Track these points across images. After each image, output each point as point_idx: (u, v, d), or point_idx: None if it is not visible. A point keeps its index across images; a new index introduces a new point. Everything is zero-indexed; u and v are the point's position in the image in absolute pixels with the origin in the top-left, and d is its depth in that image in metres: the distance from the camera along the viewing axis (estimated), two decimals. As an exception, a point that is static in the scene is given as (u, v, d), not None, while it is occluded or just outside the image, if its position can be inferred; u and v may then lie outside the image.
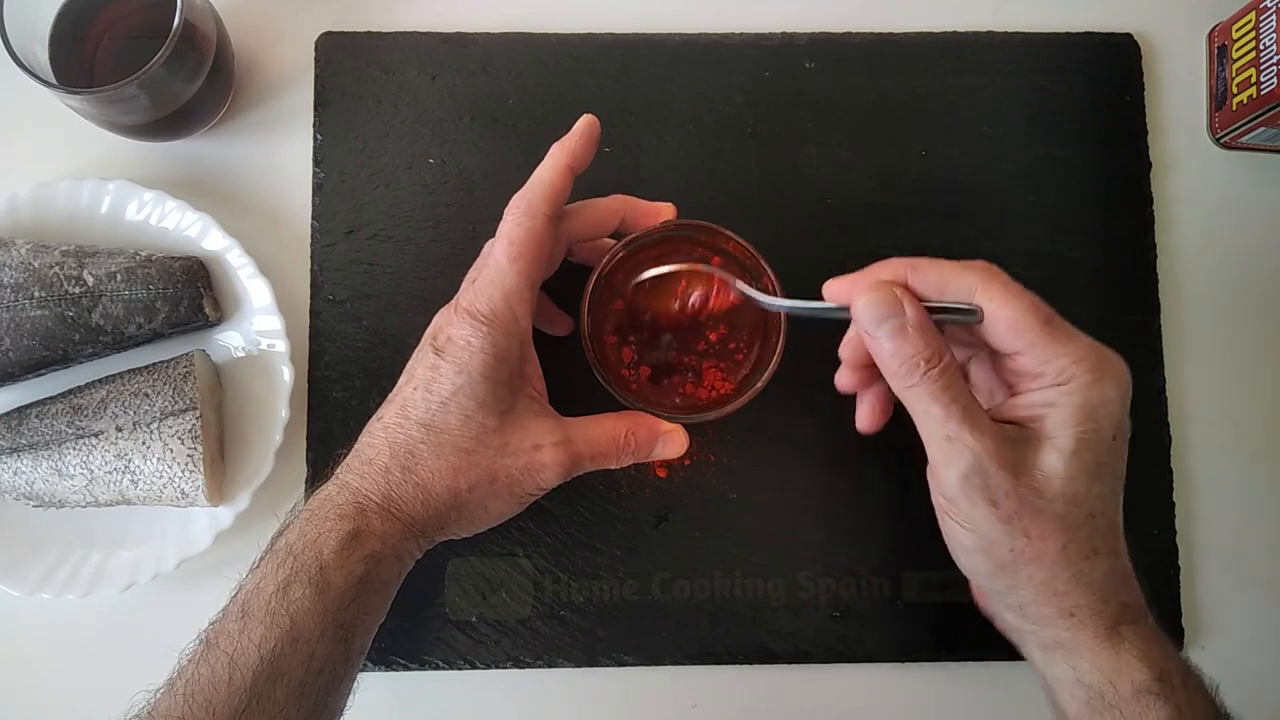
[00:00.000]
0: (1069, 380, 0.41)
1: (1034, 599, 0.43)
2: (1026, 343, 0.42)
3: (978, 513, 0.42)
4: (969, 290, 0.43)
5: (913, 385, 0.42)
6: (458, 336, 0.45)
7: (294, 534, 0.44)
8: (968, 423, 0.41)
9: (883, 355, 0.43)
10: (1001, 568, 0.43)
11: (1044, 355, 0.42)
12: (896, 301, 0.42)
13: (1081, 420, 0.41)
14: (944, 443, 0.42)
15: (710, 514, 0.56)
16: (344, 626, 0.42)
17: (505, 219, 0.46)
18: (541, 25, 0.59)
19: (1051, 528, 0.41)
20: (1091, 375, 0.41)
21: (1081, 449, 0.41)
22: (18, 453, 0.52)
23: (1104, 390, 0.41)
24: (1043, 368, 0.42)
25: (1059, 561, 0.42)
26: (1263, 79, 0.56)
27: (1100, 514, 0.42)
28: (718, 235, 0.50)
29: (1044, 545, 0.41)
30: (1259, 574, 0.57)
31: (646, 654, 0.55)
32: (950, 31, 0.60)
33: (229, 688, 0.39)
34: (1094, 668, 0.42)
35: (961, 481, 0.41)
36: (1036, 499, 0.41)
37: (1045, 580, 0.42)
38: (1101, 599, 0.42)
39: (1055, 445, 0.41)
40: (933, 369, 0.41)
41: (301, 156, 0.58)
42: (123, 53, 0.54)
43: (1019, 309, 0.42)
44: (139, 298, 0.53)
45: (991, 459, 0.41)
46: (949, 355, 0.42)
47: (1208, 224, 0.59)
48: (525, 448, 0.46)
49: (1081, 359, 0.41)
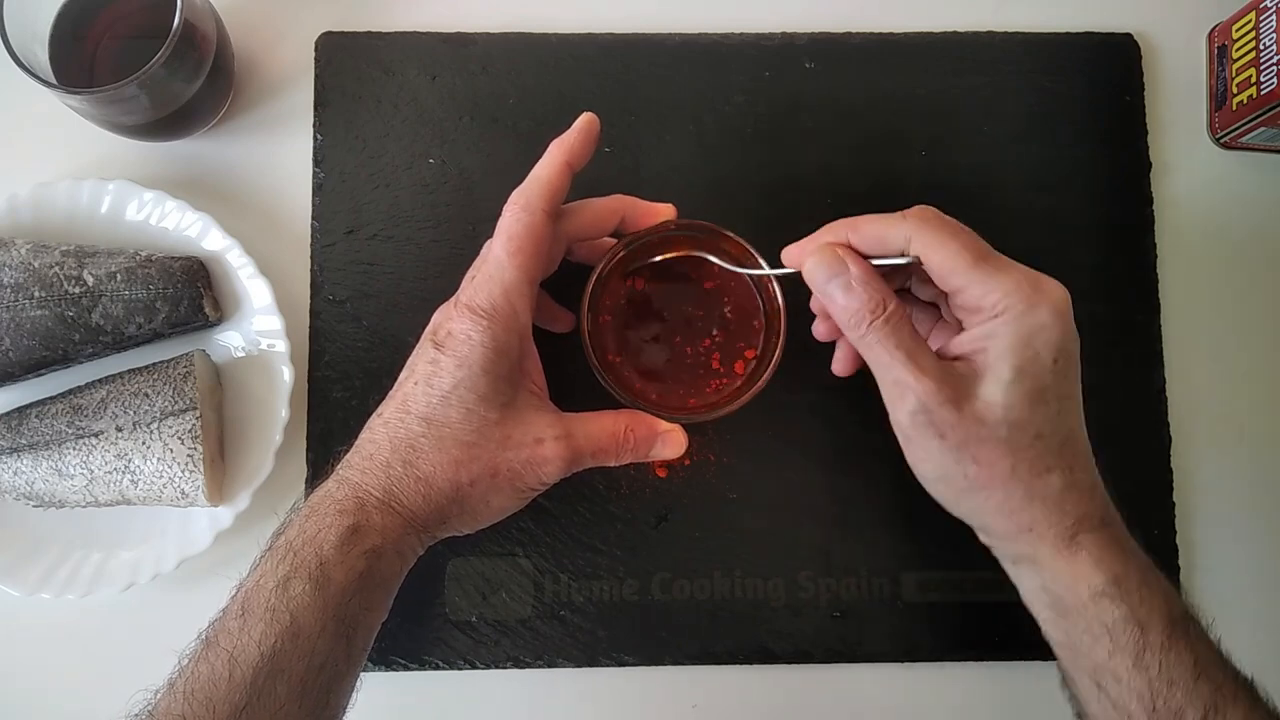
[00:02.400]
0: (1003, 311, 0.43)
1: (994, 519, 0.45)
2: (960, 282, 0.44)
3: (930, 445, 0.45)
4: (904, 240, 0.45)
5: (862, 335, 0.45)
6: (458, 331, 0.45)
7: (294, 530, 0.44)
8: (912, 364, 0.44)
9: (834, 311, 0.46)
10: (962, 493, 0.46)
11: (978, 291, 0.44)
12: (839, 261, 0.45)
13: (1018, 348, 0.43)
14: (893, 386, 0.45)
15: (710, 514, 0.56)
16: (345, 622, 0.42)
17: (504, 215, 0.47)
18: (541, 25, 0.59)
19: (998, 452, 0.44)
20: (1024, 304, 0.43)
21: (1019, 376, 0.43)
22: (18, 453, 0.52)
23: (1037, 316, 0.43)
24: (979, 302, 0.44)
25: (1010, 482, 0.44)
26: (1263, 79, 0.56)
27: (1050, 434, 0.44)
28: (718, 235, 0.50)
29: (993, 469, 0.44)
30: (1259, 574, 0.57)
31: (646, 654, 0.55)
32: (950, 31, 0.60)
33: (229, 685, 0.39)
34: (1054, 575, 0.44)
35: (910, 419, 0.44)
36: (980, 428, 0.43)
37: (1000, 501, 0.44)
38: (1058, 512, 0.44)
39: (995, 375, 0.43)
40: (877, 319, 0.44)
41: (301, 156, 0.58)
42: (123, 53, 0.54)
43: (949, 251, 0.44)
44: (139, 298, 0.53)
45: (933, 396, 0.43)
46: (894, 304, 0.45)
47: (1208, 224, 0.59)
48: (527, 441, 0.46)
49: (1013, 290, 0.43)
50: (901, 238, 0.45)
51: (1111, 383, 0.57)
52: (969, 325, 0.45)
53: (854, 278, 0.45)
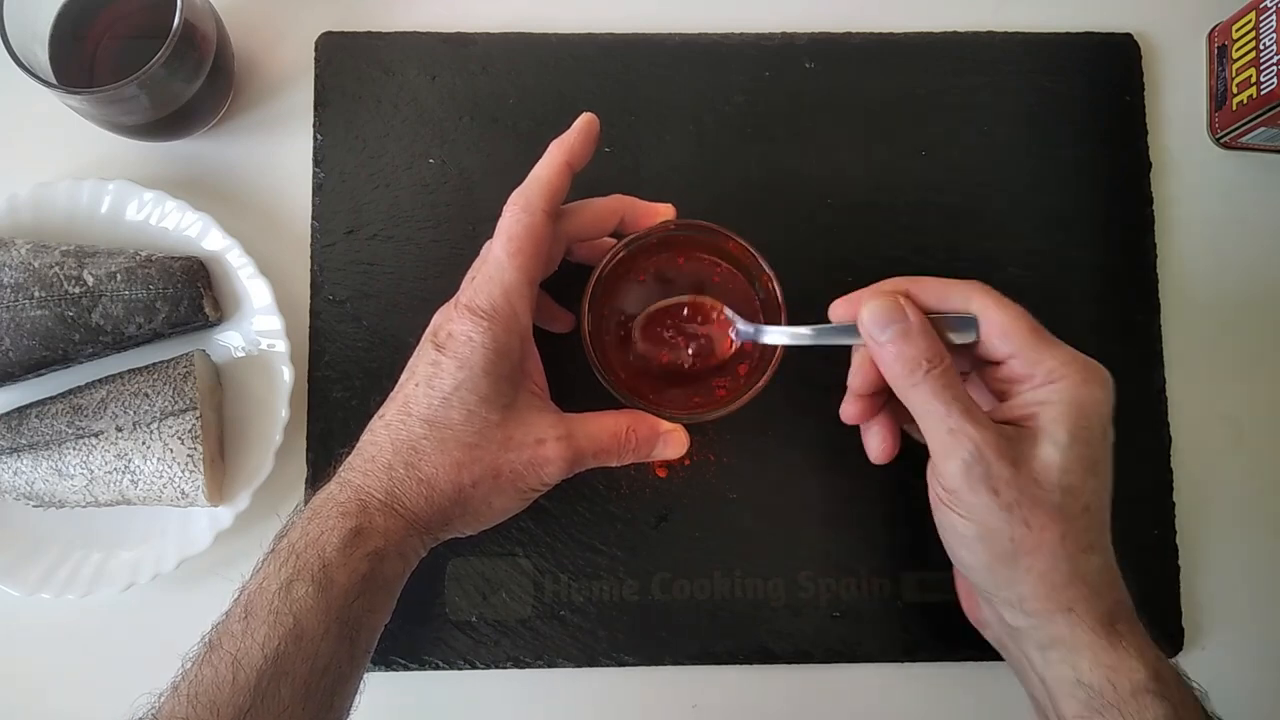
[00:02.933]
0: (1059, 379, 0.43)
1: (1033, 592, 0.43)
2: (1016, 346, 0.44)
3: (979, 501, 0.43)
4: (964, 301, 0.45)
5: (916, 384, 0.44)
6: (458, 332, 0.45)
7: (296, 533, 0.44)
8: (969, 416, 0.43)
9: (887, 358, 0.45)
10: (1000, 558, 0.43)
11: (1033, 358, 0.44)
12: (900, 308, 0.45)
13: (1074, 415, 0.43)
14: (946, 435, 0.43)
15: (710, 514, 0.56)
16: (348, 624, 0.42)
17: (503, 215, 0.47)
18: (541, 25, 0.59)
19: (1050, 517, 0.42)
20: (1080, 375, 0.43)
21: (1075, 442, 0.43)
22: (18, 453, 0.52)
23: (1092, 390, 0.43)
24: (1033, 369, 0.44)
25: (1058, 552, 0.42)
26: (1263, 79, 0.56)
27: (1095, 509, 0.43)
28: (718, 235, 0.50)
29: (1043, 535, 0.42)
30: (1259, 574, 0.57)
31: (646, 654, 0.55)
32: (950, 31, 0.60)
33: (233, 688, 0.39)
34: (1093, 665, 0.42)
35: (963, 470, 0.43)
36: (1035, 489, 0.42)
37: (1044, 571, 0.43)
38: (1097, 594, 0.43)
39: (1051, 438, 0.43)
40: (934, 369, 0.43)
41: (301, 156, 0.58)
42: (123, 53, 0.54)
43: (1009, 316, 0.44)
44: (139, 298, 0.53)
45: (992, 448, 0.42)
46: (949, 357, 0.44)
47: (1208, 224, 0.60)
48: (528, 442, 0.46)
49: (1068, 361, 0.44)
50: (959, 298, 0.45)
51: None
52: (1017, 392, 0.45)
53: (913, 325, 0.44)
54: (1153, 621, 0.56)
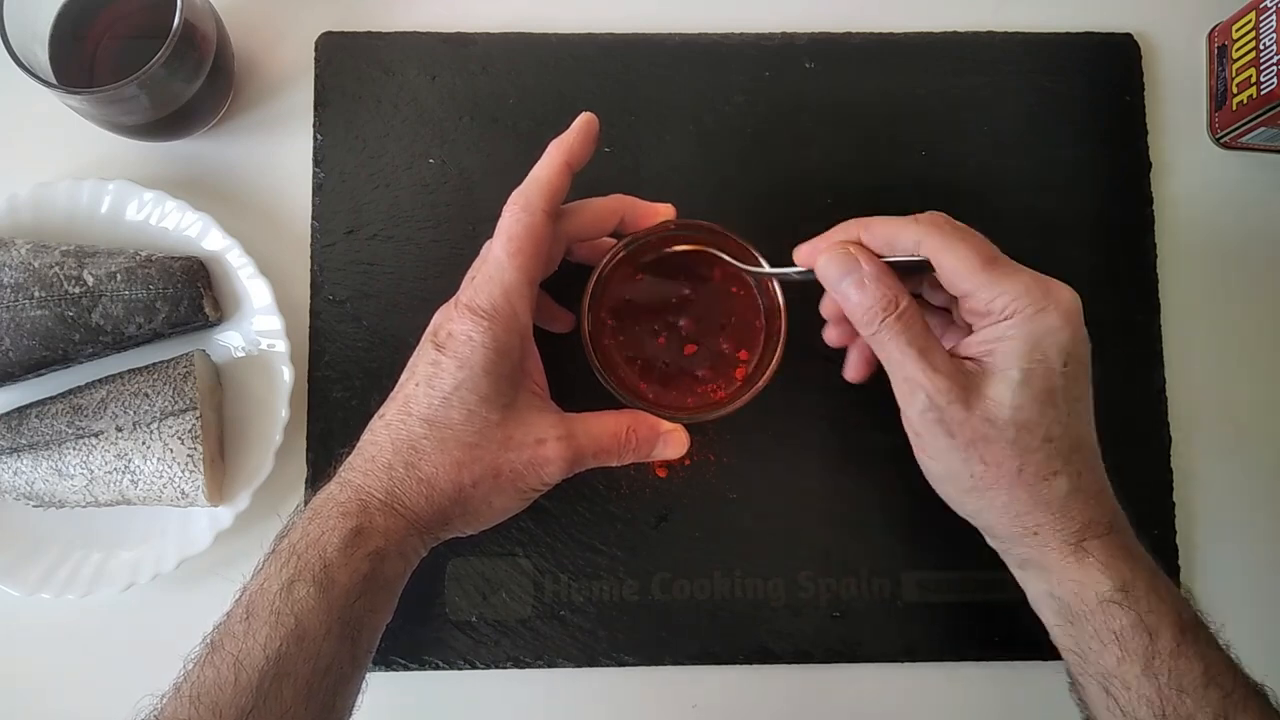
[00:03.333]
0: (1013, 314, 0.44)
1: (999, 520, 0.45)
2: (969, 285, 0.44)
3: (939, 443, 0.45)
4: (914, 243, 0.45)
5: (875, 332, 0.45)
6: (458, 332, 0.45)
7: (297, 533, 0.44)
8: (923, 362, 0.44)
9: (848, 307, 0.46)
10: (968, 493, 0.46)
11: (987, 295, 0.44)
12: (851, 258, 0.45)
13: (1027, 351, 0.43)
14: (904, 383, 0.45)
15: (710, 514, 0.56)
16: (350, 624, 0.42)
17: (503, 215, 0.47)
18: (541, 25, 0.59)
19: (1005, 453, 0.44)
20: (1034, 307, 0.43)
21: (1029, 378, 0.43)
22: (18, 453, 0.52)
23: (1047, 320, 0.43)
24: (989, 305, 0.44)
25: (1015, 484, 0.44)
26: (1263, 79, 0.56)
27: (1058, 437, 0.44)
28: (718, 235, 0.50)
29: (1000, 470, 0.44)
30: (1259, 574, 0.57)
31: (646, 654, 0.55)
32: (950, 31, 0.60)
33: (235, 689, 0.39)
34: (1061, 580, 0.44)
35: (920, 416, 0.45)
36: (988, 428, 0.44)
37: (1006, 502, 0.45)
38: (1064, 516, 0.44)
39: (1004, 377, 0.44)
40: (890, 316, 0.44)
41: (301, 156, 0.58)
42: (123, 53, 0.54)
43: (958, 254, 0.44)
44: (139, 298, 0.53)
45: (944, 394, 0.44)
46: (905, 301, 0.45)
47: (1208, 224, 0.60)
48: (529, 442, 0.46)
49: (1022, 293, 0.44)
50: (911, 240, 0.45)
51: (1111, 383, 0.57)
52: (978, 328, 0.45)
53: (866, 274, 0.45)
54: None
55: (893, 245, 0.46)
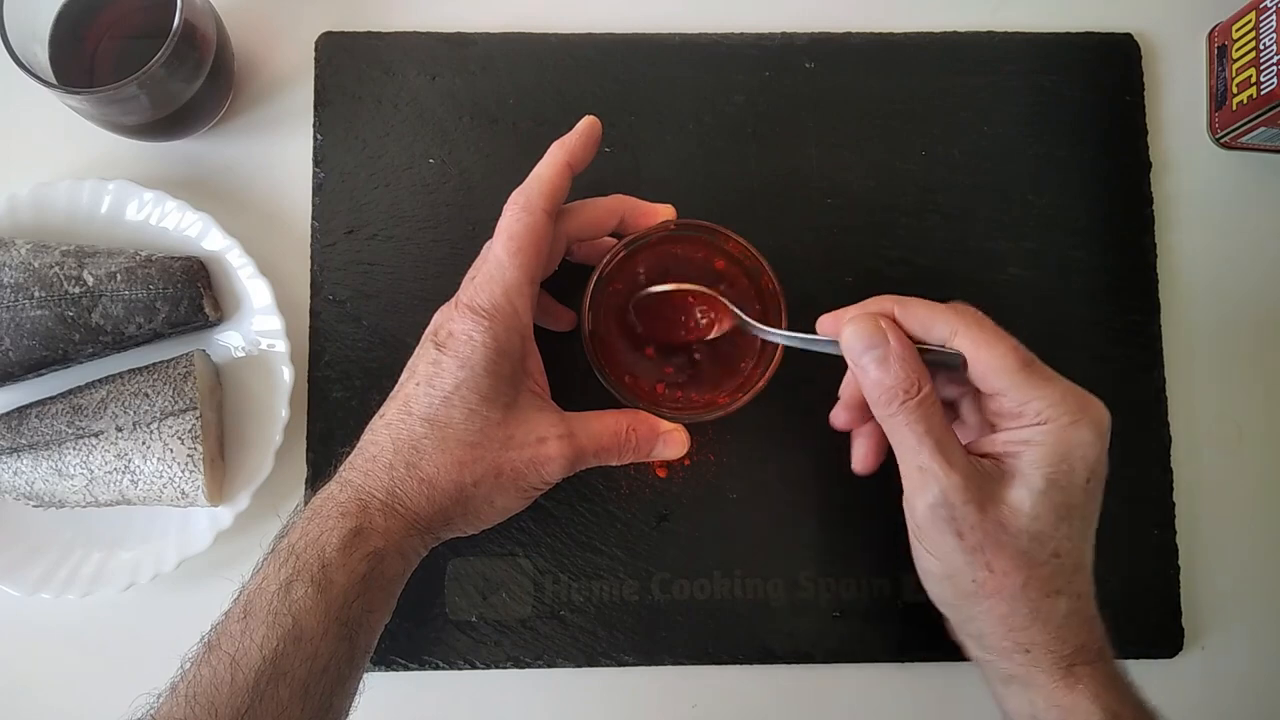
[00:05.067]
0: (1045, 421, 0.42)
1: (992, 631, 0.44)
2: (1005, 384, 0.43)
3: (945, 542, 0.43)
4: (951, 332, 0.44)
5: (892, 414, 0.43)
6: (459, 331, 0.45)
7: (296, 533, 0.44)
8: (940, 455, 0.43)
9: (866, 383, 0.44)
10: (964, 597, 0.44)
11: (1022, 396, 0.43)
12: (881, 332, 0.44)
13: (1053, 460, 0.42)
14: (916, 472, 0.43)
15: (710, 514, 0.56)
16: (348, 625, 0.42)
17: (504, 215, 0.47)
18: (541, 25, 0.59)
19: (1013, 563, 0.42)
20: (1068, 417, 0.42)
21: (1051, 489, 0.42)
22: (18, 453, 0.52)
23: (1079, 433, 0.42)
24: (1021, 408, 0.43)
25: (1018, 597, 0.43)
26: (1263, 79, 0.56)
27: (1066, 554, 0.43)
28: (718, 235, 0.50)
29: (1005, 580, 0.43)
30: (1259, 574, 0.57)
31: (646, 654, 0.55)
32: (950, 31, 0.60)
33: (231, 688, 0.39)
34: (1047, 705, 0.43)
35: (929, 511, 0.43)
36: (1001, 534, 0.42)
37: (1004, 614, 0.43)
38: (1058, 638, 0.43)
39: (1026, 483, 0.42)
40: (910, 400, 0.43)
41: (301, 156, 0.58)
42: (123, 53, 0.54)
43: (998, 352, 0.43)
44: (139, 298, 0.53)
45: (958, 491, 0.42)
46: (928, 387, 0.43)
47: (1208, 224, 0.60)
48: (530, 441, 0.46)
49: (1059, 401, 0.42)
50: (946, 330, 0.44)
51: (1111, 383, 0.57)
52: (1003, 428, 0.44)
53: (893, 352, 0.43)
54: (1152, 621, 0.56)
55: (927, 330, 0.44)
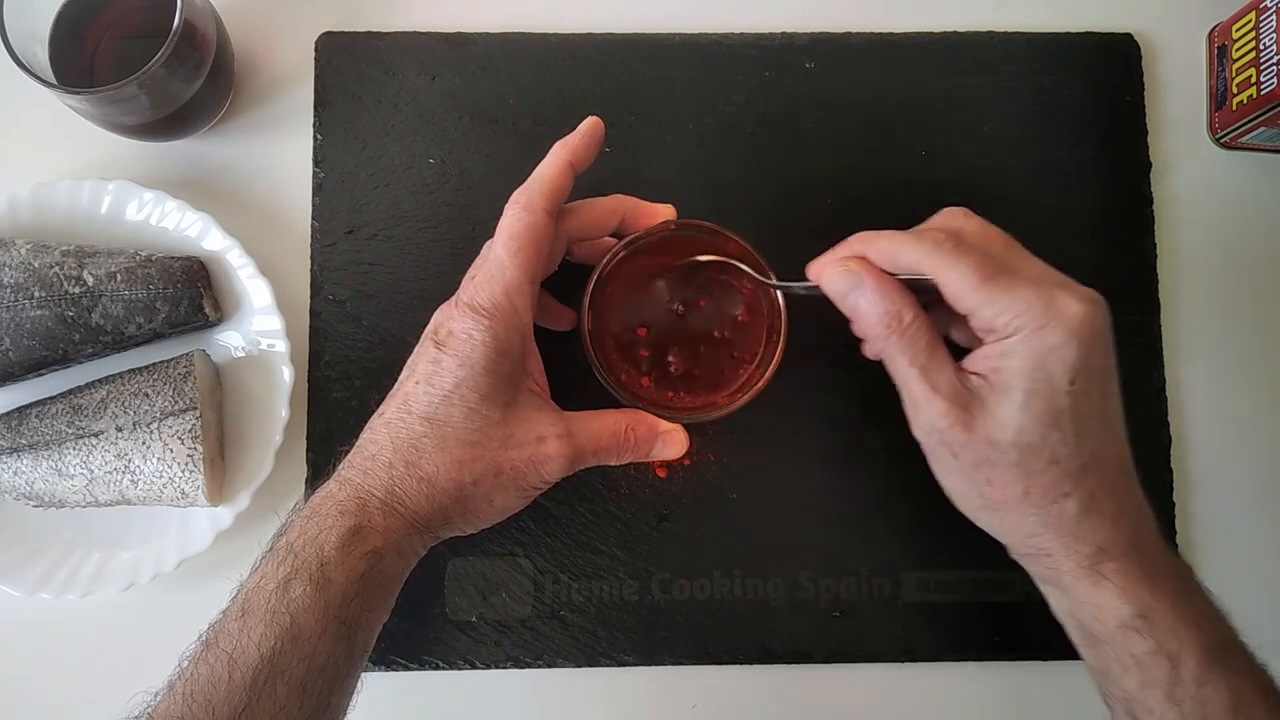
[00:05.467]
0: (1014, 332, 0.42)
1: (1012, 538, 0.45)
2: (970, 304, 0.43)
3: (945, 463, 0.45)
4: (915, 262, 0.44)
5: (882, 348, 0.45)
6: (459, 330, 0.45)
7: (295, 532, 0.44)
8: (924, 381, 0.43)
9: (855, 324, 0.45)
10: (978, 510, 0.46)
11: (989, 312, 0.42)
12: (853, 273, 0.44)
13: (1028, 370, 0.42)
14: (909, 400, 0.45)
15: (710, 514, 0.56)
16: (346, 623, 0.42)
17: (505, 214, 0.47)
18: (541, 25, 0.59)
19: (1010, 476, 0.43)
20: (1035, 323, 0.42)
21: (1031, 399, 0.42)
22: (18, 453, 0.52)
23: (1049, 337, 0.41)
24: (991, 323, 0.43)
25: (1022, 507, 0.43)
26: (1263, 79, 0.56)
27: (1065, 459, 0.42)
28: (718, 235, 0.50)
29: (1006, 492, 0.43)
30: (1259, 574, 0.57)
31: (646, 654, 0.55)
32: (950, 31, 0.60)
33: (228, 686, 0.39)
34: (1078, 603, 0.44)
35: (924, 437, 0.45)
36: (991, 450, 0.43)
37: (1014, 523, 0.44)
38: (1076, 538, 0.43)
39: (1007, 397, 0.42)
40: (893, 333, 0.44)
41: (301, 156, 0.58)
42: (123, 53, 0.54)
43: (956, 272, 0.42)
44: (139, 298, 0.53)
45: (943, 416, 0.43)
46: (910, 315, 0.44)
47: (1208, 224, 0.60)
48: (529, 440, 0.46)
49: (1025, 309, 0.42)
50: (912, 258, 0.44)
51: (1111, 383, 0.57)
52: (985, 343, 0.44)
53: (868, 288, 0.44)
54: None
55: (896, 262, 0.44)
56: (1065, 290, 0.42)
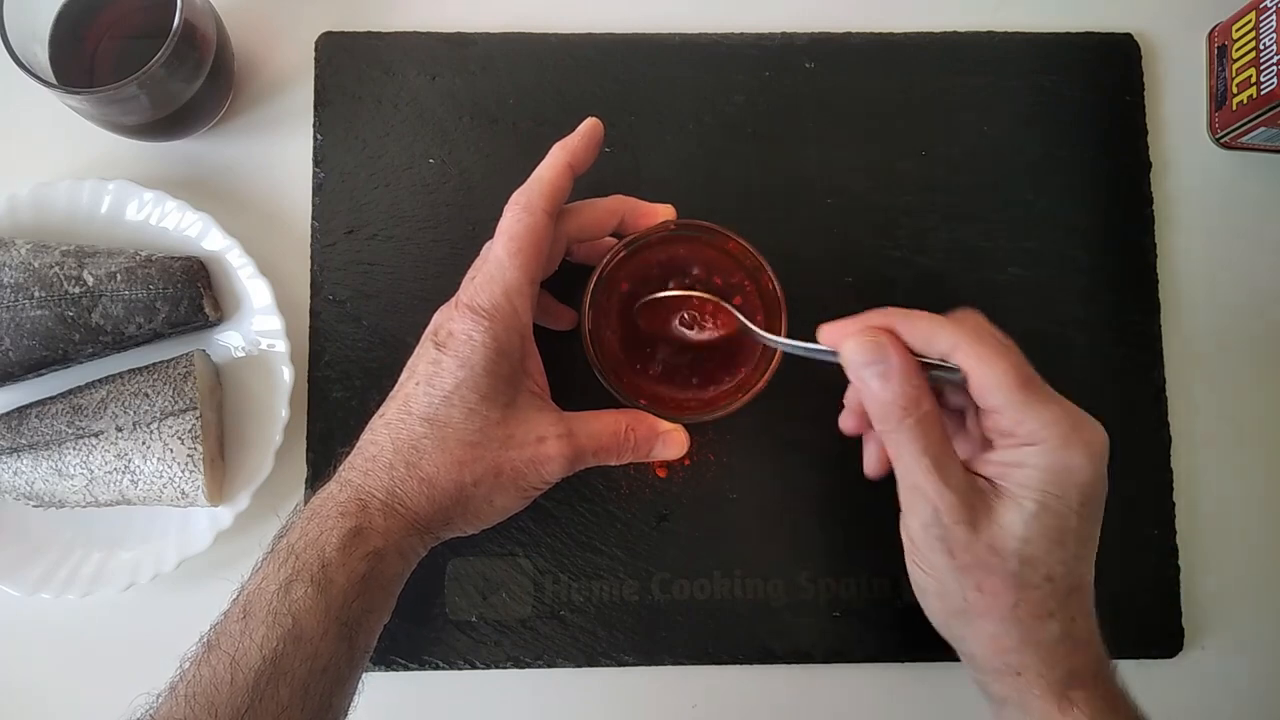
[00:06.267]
0: (1038, 442, 0.42)
1: (983, 651, 0.44)
2: (1001, 402, 0.42)
3: (937, 560, 0.43)
4: (952, 346, 0.43)
5: (890, 431, 0.43)
6: (459, 331, 0.45)
7: (296, 533, 0.44)
8: (935, 474, 0.42)
9: (867, 398, 0.44)
10: (956, 615, 0.44)
11: (1018, 415, 0.42)
12: (882, 348, 0.43)
13: (1045, 484, 0.42)
14: (912, 490, 0.43)
15: (710, 514, 0.56)
16: (347, 625, 0.42)
17: (504, 215, 0.47)
18: (541, 25, 0.59)
19: (1004, 585, 0.42)
20: (1060, 440, 0.41)
21: (1042, 512, 0.42)
22: (18, 453, 0.52)
23: (1071, 456, 0.41)
24: (1016, 427, 0.42)
25: (1008, 619, 0.42)
26: (1263, 79, 0.56)
27: (1059, 578, 0.42)
28: (718, 235, 0.50)
29: (995, 601, 0.42)
30: (1259, 574, 0.57)
31: (646, 654, 0.55)
32: (950, 31, 0.60)
33: (231, 688, 0.39)
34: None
35: (922, 529, 0.43)
36: (991, 556, 0.42)
37: (994, 634, 0.43)
38: (1050, 661, 0.43)
39: (1017, 505, 0.42)
40: (909, 417, 0.42)
41: (301, 156, 0.58)
42: (123, 53, 0.54)
43: (998, 370, 0.42)
44: (139, 298, 0.53)
45: (951, 511, 0.42)
46: (928, 404, 0.43)
47: (1208, 224, 0.60)
48: (530, 440, 0.46)
49: (1052, 422, 0.42)
50: (948, 344, 0.43)
51: (1111, 383, 0.57)
52: (999, 446, 0.43)
53: (894, 368, 0.42)
54: (1152, 621, 0.56)
55: (929, 344, 0.43)
56: (1086, 417, 0.43)
